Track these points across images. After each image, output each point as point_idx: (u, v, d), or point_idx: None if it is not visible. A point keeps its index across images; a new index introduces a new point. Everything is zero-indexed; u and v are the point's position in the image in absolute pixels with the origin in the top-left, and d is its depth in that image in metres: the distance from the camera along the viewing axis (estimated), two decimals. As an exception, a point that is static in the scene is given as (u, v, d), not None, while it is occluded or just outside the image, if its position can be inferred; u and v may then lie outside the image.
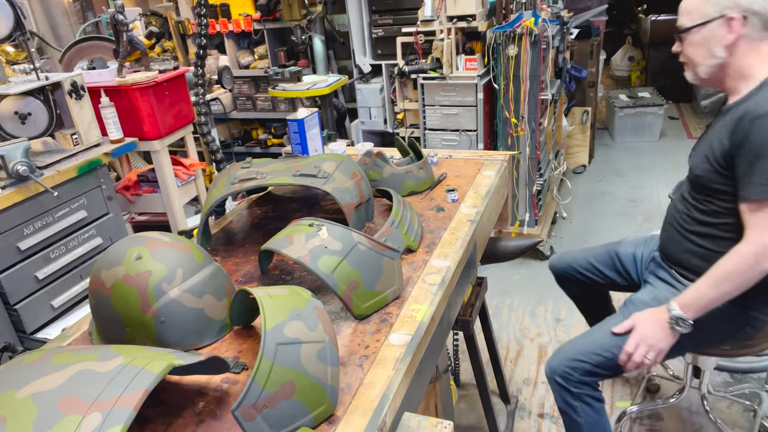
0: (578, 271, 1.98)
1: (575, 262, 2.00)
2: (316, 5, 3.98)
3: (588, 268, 1.96)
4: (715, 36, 1.41)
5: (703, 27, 1.42)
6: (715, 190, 1.47)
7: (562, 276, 2.05)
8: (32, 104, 2.26)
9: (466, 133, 3.43)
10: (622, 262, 1.89)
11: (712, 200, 1.50)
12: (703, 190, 1.52)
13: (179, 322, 1.08)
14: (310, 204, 1.74)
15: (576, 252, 2.05)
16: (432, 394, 1.49)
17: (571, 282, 2.04)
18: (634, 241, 1.92)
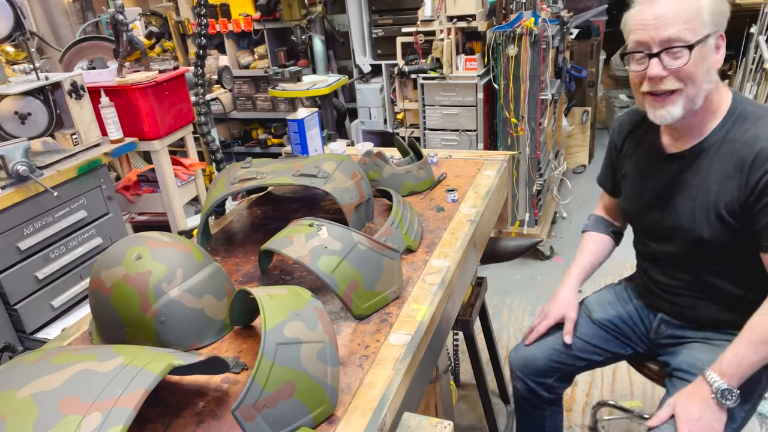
0: (568, 354, 1.54)
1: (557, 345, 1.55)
2: (316, 5, 3.98)
3: (581, 347, 1.55)
4: (711, 55, 1.17)
5: (705, 42, 1.15)
6: (733, 250, 1.25)
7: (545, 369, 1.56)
8: (32, 104, 2.26)
9: (466, 133, 3.43)
10: (615, 326, 1.56)
11: (724, 261, 1.28)
12: (714, 253, 1.29)
13: (179, 322, 1.08)
14: (310, 204, 1.74)
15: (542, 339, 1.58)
16: (432, 394, 1.49)
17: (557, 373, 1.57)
18: (603, 300, 1.62)
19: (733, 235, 1.23)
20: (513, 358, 1.63)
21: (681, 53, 1.15)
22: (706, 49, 1.16)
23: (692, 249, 1.32)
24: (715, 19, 1.15)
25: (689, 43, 1.14)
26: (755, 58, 3.53)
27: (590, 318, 1.59)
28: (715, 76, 1.18)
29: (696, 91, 1.18)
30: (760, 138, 1.15)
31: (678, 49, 1.15)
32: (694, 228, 1.27)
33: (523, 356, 1.60)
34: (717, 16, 1.15)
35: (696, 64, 1.16)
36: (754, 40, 3.57)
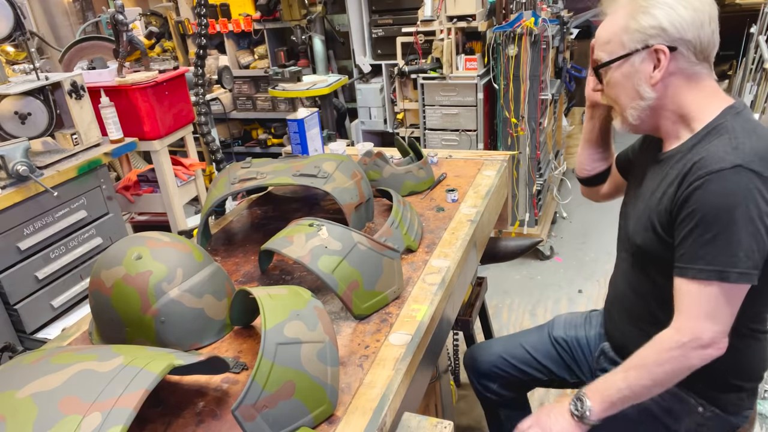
0: (512, 364, 1.54)
1: (506, 352, 1.55)
2: (316, 5, 3.98)
3: (526, 360, 1.53)
4: (640, 72, 1.11)
5: (624, 61, 1.12)
6: (666, 263, 1.13)
7: (488, 372, 1.57)
8: (32, 104, 2.26)
9: (466, 133, 3.43)
10: (568, 349, 1.51)
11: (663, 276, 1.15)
12: (651, 264, 1.20)
13: (179, 322, 1.08)
14: (310, 204, 1.74)
15: (502, 340, 1.62)
16: (432, 394, 1.49)
17: (499, 380, 1.57)
18: (571, 321, 1.55)
19: (663, 247, 1.14)
20: (465, 355, 1.66)
21: (600, 73, 1.19)
22: (624, 69, 1.13)
23: (634, 256, 1.25)
24: (638, 36, 1.09)
25: (600, 63, 1.17)
26: (755, 58, 3.53)
27: (549, 333, 1.55)
28: (648, 93, 1.12)
29: (621, 109, 1.17)
30: (707, 151, 1.06)
31: (599, 70, 1.18)
32: (634, 233, 1.22)
33: (470, 355, 1.63)
34: (641, 33, 1.09)
35: (614, 85, 1.16)
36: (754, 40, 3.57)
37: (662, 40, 1.07)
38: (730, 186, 1.00)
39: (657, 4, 1.07)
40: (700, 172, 1.04)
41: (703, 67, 1.10)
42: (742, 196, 0.99)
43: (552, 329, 1.55)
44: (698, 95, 1.11)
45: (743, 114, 1.10)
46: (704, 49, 1.08)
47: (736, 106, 1.11)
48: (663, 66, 1.08)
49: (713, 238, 1.01)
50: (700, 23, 1.06)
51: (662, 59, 1.08)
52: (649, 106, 1.13)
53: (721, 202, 1.00)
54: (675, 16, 1.06)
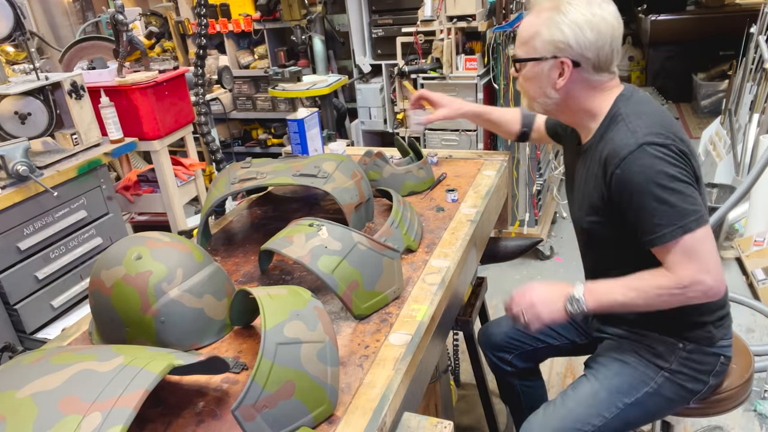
0: (526, 334, 1.65)
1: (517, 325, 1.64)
2: (316, 5, 3.98)
3: (543, 330, 1.61)
4: (547, 76, 1.27)
5: (536, 63, 1.27)
6: (613, 241, 1.33)
7: (504, 344, 1.70)
8: (32, 104, 2.26)
9: (466, 133, 3.43)
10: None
11: (612, 251, 1.36)
12: (599, 244, 1.39)
13: (179, 322, 1.08)
14: (310, 204, 1.74)
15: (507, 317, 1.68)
16: (432, 394, 1.49)
17: (515, 350, 1.69)
18: None
19: (605, 229, 1.32)
20: (479, 333, 1.80)
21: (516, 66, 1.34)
22: (536, 70, 1.28)
23: (585, 240, 1.46)
24: (547, 47, 1.23)
25: (516, 59, 1.32)
26: (755, 58, 3.53)
27: None
28: (552, 94, 1.28)
29: (529, 100, 1.35)
30: (613, 140, 1.23)
31: (516, 63, 1.34)
32: (580, 219, 1.39)
33: (484, 331, 1.78)
34: (550, 44, 1.23)
35: (526, 79, 1.32)
36: (754, 40, 3.57)
37: (568, 55, 1.23)
38: (643, 161, 1.17)
39: (568, 22, 1.21)
40: (615, 160, 1.21)
41: (602, 75, 1.26)
42: (656, 166, 1.16)
43: None
44: (598, 96, 1.29)
45: (632, 98, 1.28)
46: (603, 64, 1.24)
47: (625, 93, 1.29)
48: (566, 76, 1.25)
49: (657, 206, 1.17)
50: (601, 45, 1.21)
51: (566, 70, 1.24)
52: (554, 102, 1.31)
53: (642, 177, 1.17)
54: (581, 36, 1.20)
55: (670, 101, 5.90)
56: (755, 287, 2.80)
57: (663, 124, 1.21)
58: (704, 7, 5.98)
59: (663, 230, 1.17)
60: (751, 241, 2.99)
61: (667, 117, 1.26)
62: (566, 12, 1.21)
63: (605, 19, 1.21)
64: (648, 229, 1.19)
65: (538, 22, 1.25)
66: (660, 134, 1.18)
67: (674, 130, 1.21)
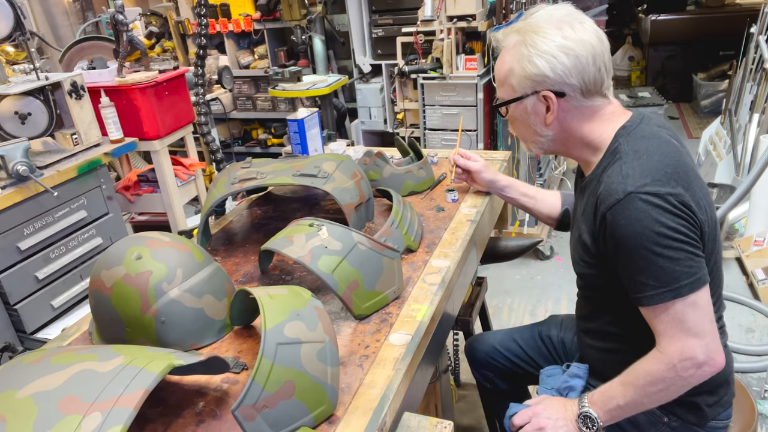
0: (505, 356, 1.61)
1: (501, 344, 1.62)
2: (316, 5, 3.98)
3: (517, 353, 1.59)
4: (534, 114, 1.16)
5: (519, 103, 1.17)
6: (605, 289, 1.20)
7: (484, 362, 1.65)
8: (32, 104, 2.26)
9: (466, 133, 3.43)
10: (554, 348, 1.55)
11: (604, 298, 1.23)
12: (591, 289, 1.27)
13: (179, 322, 1.08)
14: (310, 204, 1.74)
15: (499, 332, 1.70)
16: (432, 394, 1.49)
17: (495, 370, 1.65)
18: (564, 322, 1.58)
19: (595, 275, 1.19)
20: (465, 344, 1.74)
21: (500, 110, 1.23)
22: (520, 109, 1.18)
23: (579, 284, 1.32)
24: (524, 83, 1.14)
25: (498, 102, 1.22)
26: (755, 58, 3.53)
27: (541, 330, 1.59)
28: (545, 131, 1.18)
29: (524, 141, 1.25)
30: (606, 182, 1.09)
31: (499, 108, 1.23)
32: (573, 261, 1.26)
33: (469, 344, 1.72)
34: (527, 80, 1.13)
35: (513, 120, 1.23)
36: (754, 40, 3.57)
37: (548, 86, 1.12)
38: (630, 213, 1.03)
39: (538, 53, 1.10)
40: (603, 206, 1.07)
41: (594, 100, 1.14)
42: (644, 221, 1.01)
43: (544, 328, 1.60)
44: (595, 124, 1.16)
45: (635, 132, 1.13)
46: (591, 87, 1.12)
47: (628, 126, 1.14)
48: (554, 109, 1.13)
49: (645, 265, 1.03)
50: (583, 68, 1.09)
51: (552, 103, 1.13)
52: (550, 139, 1.19)
53: (629, 231, 1.03)
54: (557, 64, 1.09)
55: (670, 101, 5.91)
56: (755, 287, 2.81)
57: (664, 168, 1.05)
58: (704, 7, 5.99)
59: (649, 291, 1.04)
60: (751, 241, 2.99)
61: (673, 158, 1.08)
62: (533, 44, 1.11)
63: (582, 39, 1.09)
64: (633, 287, 1.07)
65: (509, 60, 1.16)
66: (658, 181, 1.03)
67: (678, 175, 1.04)
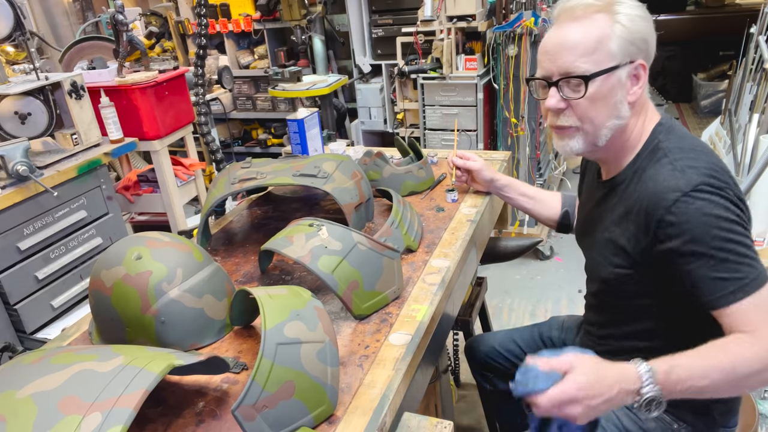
0: (504, 357, 1.58)
1: (501, 345, 1.60)
2: (316, 5, 3.98)
3: (517, 354, 1.56)
4: (623, 88, 1.04)
5: (612, 74, 1.03)
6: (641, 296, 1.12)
7: (483, 363, 1.63)
8: (32, 104, 2.26)
9: (466, 133, 3.43)
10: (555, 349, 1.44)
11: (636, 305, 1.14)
12: (621, 296, 1.15)
13: (179, 322, 1.08)
14: (310, 204, 1.74)
15: (499, 333, 1.67)
16: (432, 394, 1.49)
17: (495, 372, 1.62)
18: (566, 324, 1.54)
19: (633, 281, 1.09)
20: (465, 344, 1.73)
21: (579, 86, 1.05)
22: (611, 82, 1.04)
23: (601, 290, 1.20)
24: (627, 48, 1.02)
25: (586, 75, 1.03)
26: (755, 58, 3.53)
27: (541, 332, 1.56)
28: (625, 111, 1.06)
29: (595, 129, 1.08)
30: (655, 180, 1.02)
31: (576, 80, 1.05)
32: (598, 266, 1.16)
33: (469, 344, 1.70)
34: (631, 45, 1.02)
35: (595, 100, 1.05)
36: (754, 40, 3.57)
37: (644, 55, 1.04)
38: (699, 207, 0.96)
39: (637, 15, 1.02)
40: (663, 203, 0.99)
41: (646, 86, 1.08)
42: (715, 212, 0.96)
43: (545, 329, 1.57)
44: (641, 118, 1.10)
45: (673, 130, 1.08)
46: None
47: (664, 123, 1.09)
48: (643, 82, 1.04)
49: (724, 258, 0.96)
50: (653, 43, 1.05)
51: (641, 75, 1.04)
52: (621, 126, 1.07)
53: (701, 226, 0.96)
54: (651, 30, 1.03)
55: (669, 101, 5.90)
56: (755, 287, 2.80)
57: (714, 165, 1.01)
58: (704, 7, 5.99)
59: (732, 286, 0.95)
60: (751, 241, 2.98)
61: (716, 156, 1.05)
62: (628, 4, 1.02)
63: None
64: (709, 288, 0.97)
65: (602, 24, 1.02)
66: (713, 177, 0.99)
67: (726, 172, 1.02)
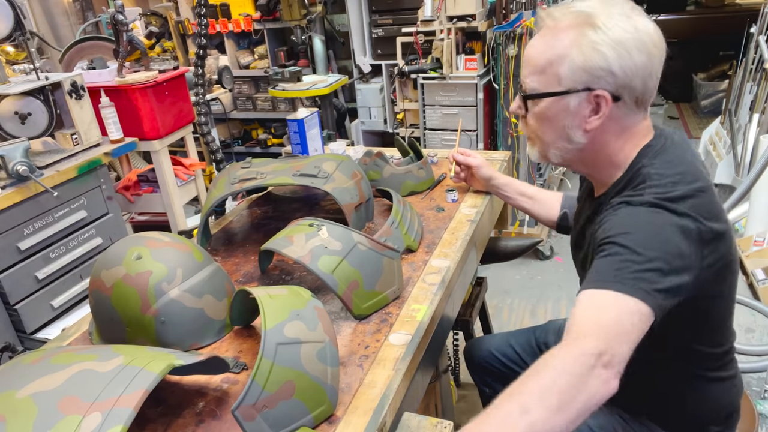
0: (501, 361, 1.56)
1: (497, 348, 1.58)
2: (316, 5, 3.98)
3: (513, 359, 1.54)
4: (575, 115, 0.98)
5: (559, 98, 0.98)
6: None
7: (481, 366, 1.62)
8: (32, 104, 2.26)
9: (466, 133, 3.43)
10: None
11: None
12: None
13: (179, 322, 1.08)
14: (310, 204, 1.74)
15: (497, 336, 1.66)
16: (432, 394, 1.49)
17: (492, 376, 1.60)
18: (559, 327, 1.50)
19: None
20: (464, 347, 1.71)
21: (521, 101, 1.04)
22: (558, 106, 0.98)
23: None
24: (580, 76, 0.95)
25: (525, 94, 1.02)
26: (755, 58, 3.53)
27: (538, 336, 1.54)
28: (578, 137, 1.00)
29: (543, 145, 1.05)
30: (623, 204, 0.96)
31: (525, 97, 1.03)
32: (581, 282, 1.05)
33: (468, 347, 1.69)
34: (585, 72, 0.94)
35: (540, 119, 1.02)
36: (754, 40, 3.57)
37: (608, 86, 0.94)
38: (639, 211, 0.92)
39: (611, 42, 0.92)
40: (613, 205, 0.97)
41: (640, 112, 1.00)
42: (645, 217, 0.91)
43: (541, 333, 1.55)
44: (627, 142, 1.02)
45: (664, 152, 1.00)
46: (646, 97, 0.98)
47: (654, 144, 1.01)
48: (603, 114, 0.96)
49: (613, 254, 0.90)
50: (649, 72, 0.95)
51: (603, 106, 0.96)
52: (577, 149, 1.02)
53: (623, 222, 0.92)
54: (628, 60, 0.92)
55: (669, 101, 5.91)
56: (755, 287, 2.80)
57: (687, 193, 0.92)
58: (704, 7, 5.99)
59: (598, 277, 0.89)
60: (751, 241, 2.99)
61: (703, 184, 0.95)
62: (606, 28, 0.92)
63: (651, 36, 0.93)
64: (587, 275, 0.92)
65: (562, 44, 0.95)
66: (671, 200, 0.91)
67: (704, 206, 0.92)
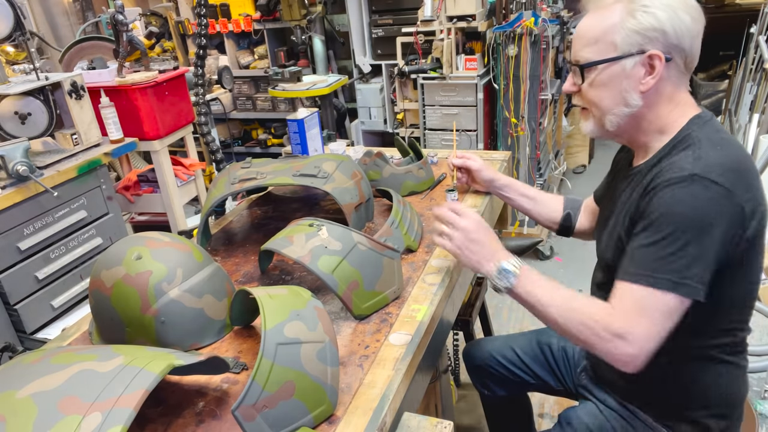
0: (501, 363, 1.55)
1: (498, 351, 1.57)
2: (316, 5, 3.98)
3: (514, 361, 1.53)
4: (630, 78, 1.04)
5: (614, 63, 1.04)
6: None
7: (480, 369, 1.60)
8: (32, 104, 2.26)
9: (466, 133, 3.43)
10: (554, 358, 1.49)
11: None
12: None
13: (179, 322, 1.08)
14: (310, 204, 1.74)
15: (497, 339, 1.65)
16: (432, 394, 1.49)
17: (492, 378, 1.59)
18: None
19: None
20: (464, 349, 1.70)
21: (579, 73, 1.10)
22: (613, 71, 1.05)
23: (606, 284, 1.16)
24: (634, 39, 1.02)
25: (581, 64, 1.08)
26: (755, 58, 3.53)
27: (540, 338, 1.55)
28: (635, 100, 1.06)
29: (601, 113, 1.10)
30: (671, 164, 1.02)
31: (577, 68, 1.10)
32: (607, 247, 1.17)
33: (467, 350, 1.68)
34: (639, 35, 1.01)
35: (597, 87, 1.08)
36: (754, 40, 3.57)
37: (660, 46, 1.01)
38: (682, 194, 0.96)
39: (659, 5, 1.00)
40: (659, 182, 1.00)
41: (686, 77, 1.07)
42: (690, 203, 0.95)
43: (543, 335, 1.55)
44: (675, 107, 1.07)
45: (710, 123, 1.06)
46: (693, 60, 1.04)
47: (703, 116, 1.07)
48: (657, 73, 1.02)
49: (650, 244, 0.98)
50: (697, 32, 1.02)
51: (657, 66, 1.02)
52: (632, 113, 1.07)
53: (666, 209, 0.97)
54: (677, 20, 1.00)
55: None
56: (755, 287, 2.79)
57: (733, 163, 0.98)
58: (704, 7, 5.97)
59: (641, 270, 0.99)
60: (751, 241, 2.98)
61: (744, 154, 1.02)
62: None
63: (695, 4, 1.02)
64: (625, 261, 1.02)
65: (612, 14, 1.03)
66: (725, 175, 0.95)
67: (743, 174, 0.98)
